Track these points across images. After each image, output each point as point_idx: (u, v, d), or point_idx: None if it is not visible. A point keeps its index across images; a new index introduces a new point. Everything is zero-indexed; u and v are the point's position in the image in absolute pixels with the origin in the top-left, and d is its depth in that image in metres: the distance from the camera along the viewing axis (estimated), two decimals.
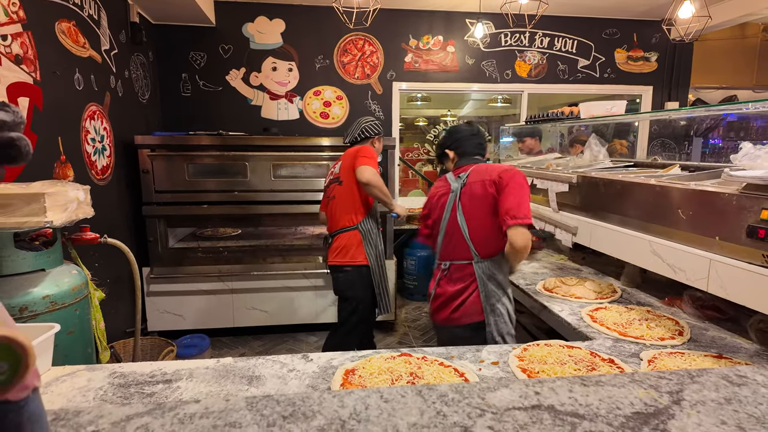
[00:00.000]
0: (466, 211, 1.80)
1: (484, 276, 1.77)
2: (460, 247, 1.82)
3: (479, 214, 1.77)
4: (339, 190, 2.56)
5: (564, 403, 0.66)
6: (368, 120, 2.71)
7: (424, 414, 0.63)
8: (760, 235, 1.27)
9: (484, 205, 1.75)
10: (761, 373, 0.75)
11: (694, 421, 0.61)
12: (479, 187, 1.77)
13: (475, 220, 1.78)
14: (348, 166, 2.50)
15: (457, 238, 1.82)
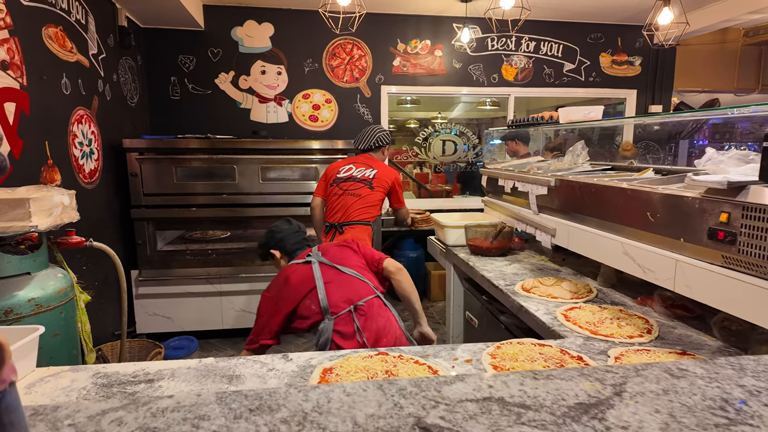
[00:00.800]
0: (342, 262, 1.95)
1: (387, 301, 1.95)
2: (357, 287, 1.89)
3: (356, 261, 1.99)
4: (367, 192, 2.87)
5: (513, 395, 0.71)
6: (382, 130, 3.03)
7: (382, 406, 0.67)
8: (719, 237, 1.33)
9: (357, 258, 2.00)
10: (701, 366, 0.80)
11: (630, 410, 0.66)
12: (344, 250, 2.03)
13: (354, 266, 1.96)
14: (385, 183, 2.91)
15: (348, 283, 1.90)
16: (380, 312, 1.86)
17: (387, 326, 1.83)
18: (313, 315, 1.83)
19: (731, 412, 0.68)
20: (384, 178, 2.91)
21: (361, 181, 2.89)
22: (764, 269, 1.22)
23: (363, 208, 2.85)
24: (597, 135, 4.55)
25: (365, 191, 2.86)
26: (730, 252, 1.31)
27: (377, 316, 1.83)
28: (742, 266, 1.29)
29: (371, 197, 2.86)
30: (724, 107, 1.80)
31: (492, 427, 0.63)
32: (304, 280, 1.88)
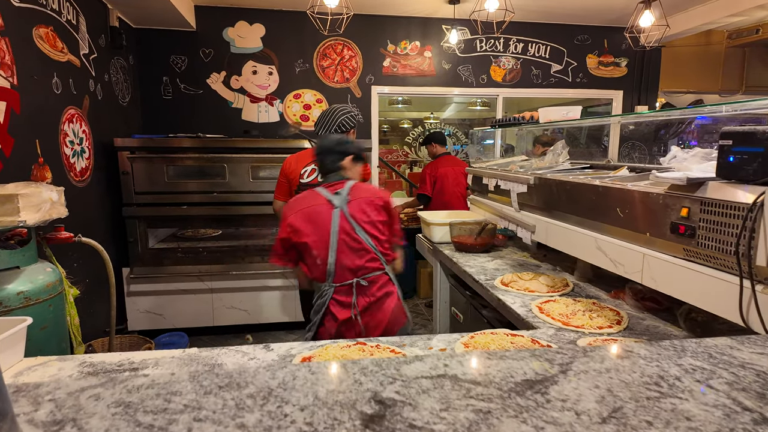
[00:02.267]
0: (363, 224, 1.91)
1: (394, 278, 1.98)
2: (369, 260, 1.91)
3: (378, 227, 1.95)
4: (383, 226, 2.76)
5: (466, 373, 0.76)
6: (346, 111, 2.55)
7: (343, 382, 0.73)
8: (680, 231, 1.40)
9: (383, 220, 1.98)
10: (646, 348, 0.86)
11: (572, 386, 0.72)
12: (375, 203, 1.96)
13: (376, 231, 1.94)
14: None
15: (362, 253, 1.90)
16: (383, 288, 1.95)
17: (386, 302, 1.94)
18: (316, 271, 1.92)
19: (664, 387, 0.74)
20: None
21: None
22: (721, 261, 1.29)
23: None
24: (585, 135, 4.63)
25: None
26: (690, 245, 1.38)
27: (378, 292, 1.92)
28: (701, 259, 1.36)
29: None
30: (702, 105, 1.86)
31: (442, 400, 0.69)
32: (319, 230, 1.88)
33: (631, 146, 5.45)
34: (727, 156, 1.29)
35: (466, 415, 0.65)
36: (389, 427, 0.63)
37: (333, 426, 0.63)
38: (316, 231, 1.88)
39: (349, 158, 2.04)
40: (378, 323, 1.91)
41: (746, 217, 1.19)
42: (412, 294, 4.92)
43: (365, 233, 1.91)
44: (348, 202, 1.92)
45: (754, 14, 4.13)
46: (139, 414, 0.66)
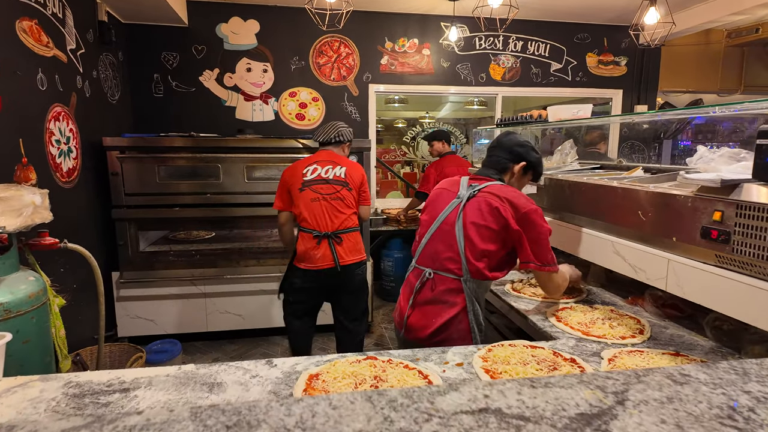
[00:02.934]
0: (468, 223, 1.62)
1: (473, 296, 1.62)
2: (450, 260, 1.64)
3: (482, 233, 1.61)
4: (347, 194, 2.62)
5: (511, 406, 0.66)
6: (344, 126, 2.77)
7: (371, 420, 0.63)
8: (712, 236, 1.31)
9: (496, 230, 1.60)
10: (704, 371, 0.77)
11: (635, 421, 0.63)
12: (497, 209, 1.60)
13: (478, 238, 1.61)
14: (357, 183, 2.66)
15: (448, 249, 1.65)
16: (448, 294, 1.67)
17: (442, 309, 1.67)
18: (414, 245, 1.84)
19: (740, 422, 0.65)
20: (354, 175, 2.63)
21: (336, 183, 2.58)
22: (758, 268, 1.21)
23: (349, 214, 2.61)
24: (584, 134, 4.57)
25: (345, 193, 2.58)
26: (723, 251, 1.29)
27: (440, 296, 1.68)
28: (736, 265, 1.27)
29: (351, 199, 2.61)
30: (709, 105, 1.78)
31: None
32: (435, 211, 1.78)
33: (630, 146, 5.41)
34: (765, 156, 1.20)
35: None
36: None
37: None
38: (433, 210, 1.76)
39: (520, 165, 1.73)
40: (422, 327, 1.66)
41: None
42: None
43: (462, 232, 1.63)
44: (473, 197, 1.66)
45: (757, 12, 4.08)
46: None
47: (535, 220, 1.59)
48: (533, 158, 1.74)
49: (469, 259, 1.60)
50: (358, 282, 2.69)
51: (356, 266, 2.65)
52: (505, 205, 1.59)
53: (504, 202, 1.60)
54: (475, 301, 1.63)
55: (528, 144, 1.75)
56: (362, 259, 2.69)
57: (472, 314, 1.61)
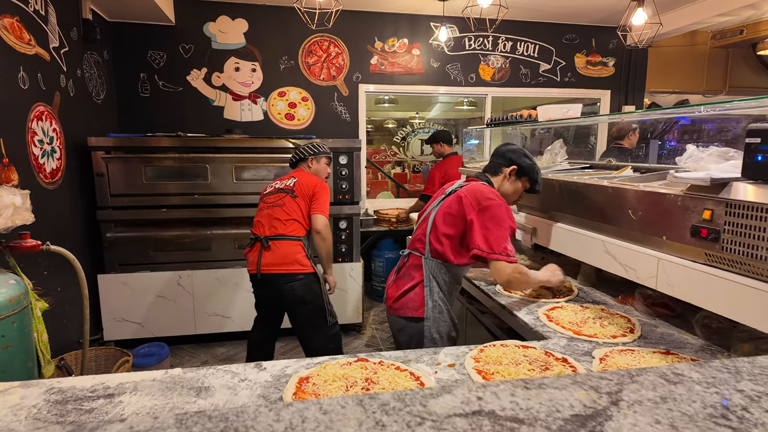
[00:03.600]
0: (441, 212, 1.83)
1: (431, 273, 1.81)
2: (419, 240, 1.89)
3: (446, 219, 1.80)
4: (290, 201, 2.57)
5: (505, 408, 0.65)
6: (310, 143, 2.80)
7: (362, 425, 0.61)
8: (702, 235, 1.32)
9: (455, 219, 1.77)
10: (696, 370, 0.77)
11: (630, 422, 0.62)
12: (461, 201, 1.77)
13: (442, 223, 1.81)
14: (306, 192, 2.58)
15: (422, 232, 1.88)
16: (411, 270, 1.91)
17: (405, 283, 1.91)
18: None
19: (734, 421, 0.64)
20: (305, 185, 2.58)
21: (281, 191, 2.60)
22: (748, 267, 1.21)
23: (289, 221, 2.53)
24: (572, 134, 4.60)
25: (287, 200, 2.56)
26: (713, 250, 1.30)
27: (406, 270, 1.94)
28: (726, 264, 1.28)
29: (296, 208, 2.55)
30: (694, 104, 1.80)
31: None
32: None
33: (618, 146, 5.45)
34: (755, 155, 1.21)
35: None
36: None
37: None
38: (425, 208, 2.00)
39: (511, 168, 1.87)
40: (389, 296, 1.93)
41: None
42: None
43: (432, 219, 1.85)
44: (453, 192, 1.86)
45: (742, 13, 4.14)
46: None
47: (493, 211, 1.71)
48: (525, 163, 1.87)
49: (431, 241, 1.82)
50: (289, 297, 2.49)
51: (283, 278, 2.47)
52: (469, 197, 1.76)
53: (470, 194, 1.77)
54: (432, 279, 1.81)
55: (521, 151, 1.90)
56: (294, 271, 2.48)
57: (428, 289, 1.80)
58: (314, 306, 2.54)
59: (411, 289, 1.83)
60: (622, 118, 2.69)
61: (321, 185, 2.61)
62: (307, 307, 2.53)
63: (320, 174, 2.74)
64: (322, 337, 2.58)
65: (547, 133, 4.24)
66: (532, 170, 1.88)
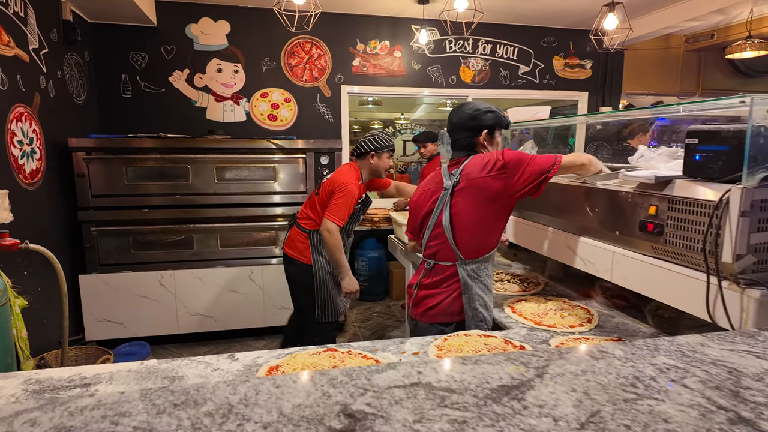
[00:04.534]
0: (456, 211, 1.67)
1: (468, 278, 1.68)
2: (444, 248, 1.71)
3: (473, 212, 1.66)
4: (313, 197, 2.73)
5: (441, 380, 0.73)
6: (369, 135, 2.71)
7: (310, 395, 0.68)
8: (648, 229, 1.41)
9: (481, 202, 1.64)
10: (621, 348, 0.85)
11: (549, 390, 0.70)
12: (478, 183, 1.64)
13: (466, 219, 1.66)
14: (327, 190, 2.61)
15: (442, 239, 1.71)
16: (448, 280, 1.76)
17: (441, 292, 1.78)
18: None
19: (640, 388, 0.72)
20: (329, 183, 2.63)
21: (317, 186, 2.76)
22: (687, 258, 1.31)
23: (305, 212, 2.72)
24: (551, 135, 4.71)
25: (312, 195, 2.74)
26: (658, 243, 1.39)
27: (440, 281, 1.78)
28: (669, 256, 1.37)
29: (314, 204, 2.68)
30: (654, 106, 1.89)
31: (415, 411, 0.65)
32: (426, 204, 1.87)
33: (596, 146, 5.59)
34: (694, 154, 1.31)
35: (441, 426, 0.62)
36: None
37: None
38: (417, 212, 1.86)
39: (483, 134, 1.73)
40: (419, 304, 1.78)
41: (712, 215, 1.20)
42: (384, 296, 4.89)
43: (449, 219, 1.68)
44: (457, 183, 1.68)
45: (712, 19, 4.30)
46: None
47: (513, 154, 1.63)
48: (490, 119, 1.73)
49: (458, 243, 1.67)
50: (288, 278, 2.80)
51: (286, 258, 2.77)
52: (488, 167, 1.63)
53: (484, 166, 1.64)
54: (473, 284, 1.67)
55: (477, 110, 1.74)
56: (293, 257, 2.71)
57: (467, 297, 1.67)
58: (305, 296, 2.73)
59: (447, 298, 1.70)
60: (587, 120, 2.79)
61: (341, 187, 2.54)
62: (299, 293, 2.77)
63: (380, 169, 2.72)
64: (309, 328, 2.78)
65: (527, 134, 4.35)
66: (500, 118, 1.76)
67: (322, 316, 2.71)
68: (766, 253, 1.17)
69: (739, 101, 1.17)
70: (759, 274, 1.17)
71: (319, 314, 2.70)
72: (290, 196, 3.76)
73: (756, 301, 1.13)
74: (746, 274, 1.17)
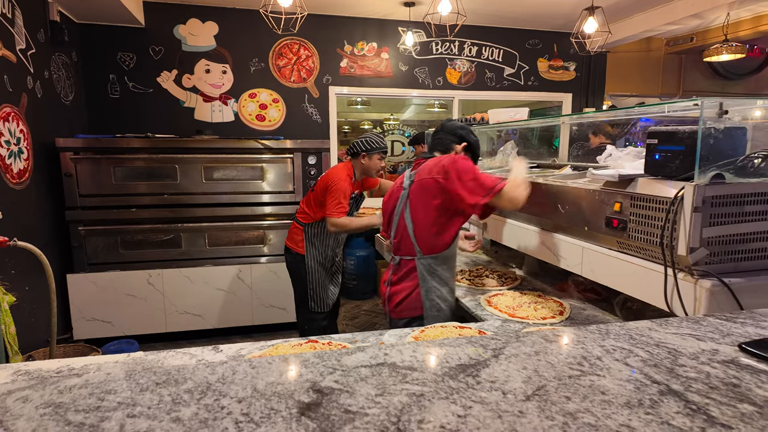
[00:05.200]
0: (413, 207, 1.84)
1: (426, 272, 1.82)
2: (405, 243, 1.87)
3: (424, 211, 1.81)
4: (309, 194, 2.91)
5: (405, 360, 0.79)
6: (365, 137, 2.86)
7: (283, 375, 0.74)
8: (614, 225, 1.49)
9: (429, 202, 1.79)
10: (574, 332, 0.92)
11: (502, 368, 0.76)
12: (425, 184, 1.80)
13: (420, 217, 1.82)
14: (321, 185, 2.79)
15: (403, 235, 1.87)
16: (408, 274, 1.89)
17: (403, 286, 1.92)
18: None
19: (586, 366, 0.80)
20: (322, 180, 2.80)
21: (315, 182, 2.99)
22: (648, 252, 1.39)
23: (302, 208, 2.93)
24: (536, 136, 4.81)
25: (309, 193, 2.94)
26: (622, 237, 1.47)
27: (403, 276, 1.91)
28: (632, 250, 1.45)
29: (309, 198, 2.89)
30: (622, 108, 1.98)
31: (378, 386, 0.72)
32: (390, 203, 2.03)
33: (579, 147, 5.71)
34: (654, 154, 1.39)
35: (399, 398, 0.68)
36: (324, 413, 0.64)
37: (269, 415, 0.64)
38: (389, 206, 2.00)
39: (462, 145, 1.93)
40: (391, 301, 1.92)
41: (669, 210, 1.28)
42: (372, 294, 4.95)
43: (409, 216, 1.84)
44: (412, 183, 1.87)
45: (689, 23, 4.42)
46: (70, 413, 0.65)
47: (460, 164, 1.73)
48: (473, 140, 1.97)
49: (417, 238, 1.82)
50: (288, 266, 2.99)
51: (286, 249, 2.99)
52: (434, 171, 1.78)
53: (433, 170, 1.79)
54: (429, 277, 1.83)
55: (468, 128, 1.98)
56: (290, 247, 2.94)
57: (424, 290, 1.83)
58: (299, 286, 2.92)
59: (410, 293, 1.84)
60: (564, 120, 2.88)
61: (333, 184, 2.70)
62: (295, 282, 2.97)
63: (371, 169, 2.87)
64: (302, 317, 2.98)
65: (513, 134, 4.44)
66: (478, 146, 2.00)
67: (314, 305, 2.91)
68: (717, 246, 1.25)
69: (693, 104, 1.26)
70: (711, 265, 1.25)
71: (311, 304, 2.90)
72: (278, 195, 3.81)
73: (707, 290, 1.22)
74: (699, 265, 1.25)
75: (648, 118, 6.46)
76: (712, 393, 0.71)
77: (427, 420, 0.63)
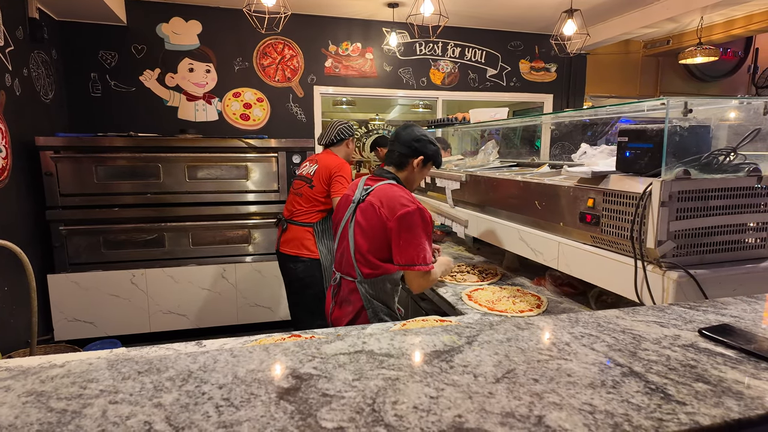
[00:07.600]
0: (356, 227, 1.75)
1: (368, 295, 1.77)
2: (346, 263, 1.80)
3: (366, 237, 1.73)
4: (307, 191, 2.80)
5: (382, 348, 0.82)
6: (342, 123, 2.89)
7: (263, 362, 0.76)
8: (587, 220, 1.54)
9: (374, 231, 1.71)
10: (545, 321, 0.96)
11: (475, 354, 0.80)
12: (372, 214, 1.72)
13: (360, 242, 1.74)
14: (324, 176, 2.73)
15: (345, 252, 1.80)
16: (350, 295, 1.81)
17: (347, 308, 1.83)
18: None
19: (554, 351, 0.84)
20: (323, 172, 2.73)
21: (302, 179, 2.83)
22: (619, 246, 1.44)
23: (304, 209, 2.80)
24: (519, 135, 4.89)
25: (305, 190, 2.80)
26: (596, 232, 1.52)
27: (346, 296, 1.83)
28: (605, 244, 1.51)
29: (311, 196, 2.77)
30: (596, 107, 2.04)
31: (355, 372, 0.74)
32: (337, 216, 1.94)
33: (561, 146, 5.81)
34: (624, 151, 1.44)
35: (375, 383, 0.71)
36: (303, 397, 0.67)
37: (249, 399, 0.66)
38: (335, 216, 1.94)
39: (419, 159, 1.83)
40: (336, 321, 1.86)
41: (638, 205, 1.34)
42: None
43: (352, 234, 1.77)
44: (362, 200, 1.78)
45: (665, 26, 4.54)
46: (52, 401, 0.66)
47: (408, 220, 1.66)
48: (430, 151, 1.84)
49: (358, 262, 1.74)
50: (293, 277, 2.81)
51: (290, 258, 2.79)
52: (384, 207, 1.70)
53: (383, 202, 1.71)
54: (373, 300, 1.77)
55: (425, 137, 1.84)
56: (299, 255, 2.77)
57: (371, 311, 1.78)
58: (313, 291, 2.77)
59: (357, 316, 1.78)
60: (543, 120, 2.95)
61: (341, 168, 2.72)
62: (307, 291, 2.78)
63: (352, 153, 2.94)
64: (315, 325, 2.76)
65: (496, 134, 4.51)
66: (437, 155, 1.87)
67: None
68: (683, 240, 1.31)
69: (660, 103, 1.31)
70: (678, 258, 1.31)
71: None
72: (263, 194, 3.81)
73: (674, 282, 1.27)
74: (667, 258, 1.30)
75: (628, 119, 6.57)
76: (670, 374, 0.76)
77: (401, 401, 0.66)
